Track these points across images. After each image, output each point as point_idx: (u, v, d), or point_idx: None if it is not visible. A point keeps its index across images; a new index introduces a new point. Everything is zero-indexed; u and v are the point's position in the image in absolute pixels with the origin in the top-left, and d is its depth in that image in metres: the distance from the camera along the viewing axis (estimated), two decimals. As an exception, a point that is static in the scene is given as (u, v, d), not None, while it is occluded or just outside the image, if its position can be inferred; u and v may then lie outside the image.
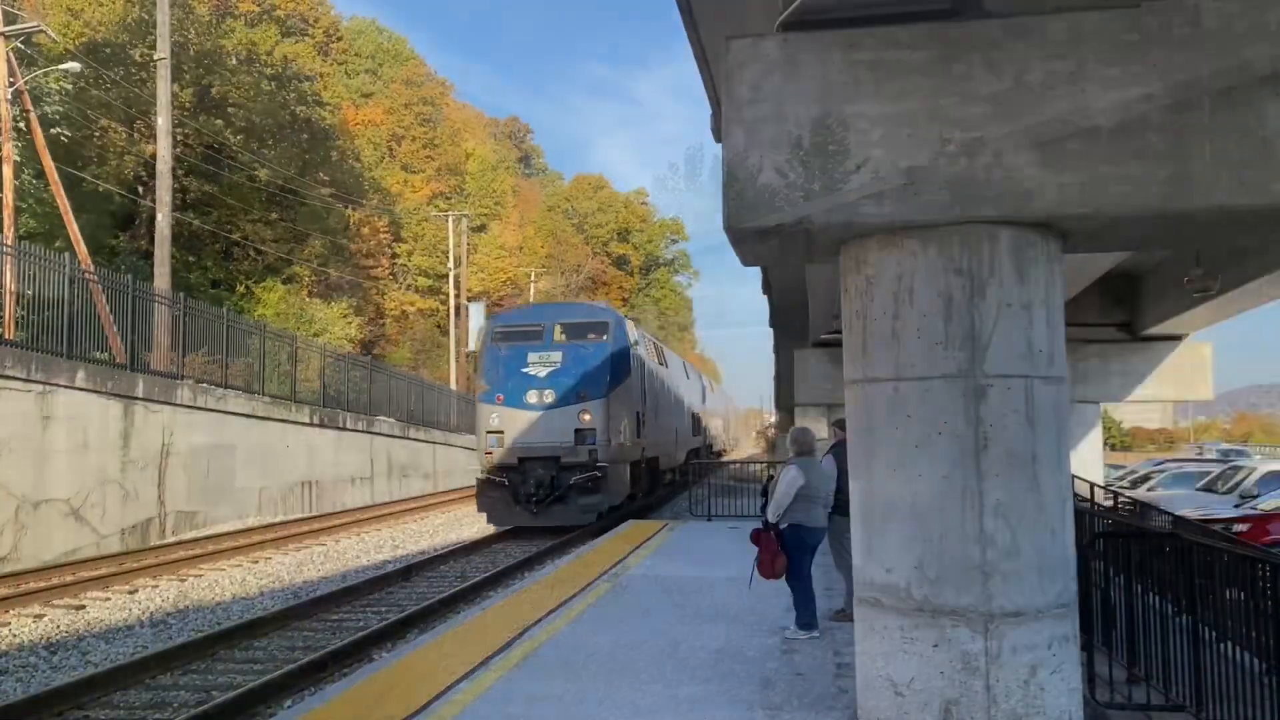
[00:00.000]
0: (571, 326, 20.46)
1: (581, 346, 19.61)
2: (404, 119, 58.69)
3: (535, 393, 19.05)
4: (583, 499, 18.51)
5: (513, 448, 18.85)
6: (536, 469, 18.62)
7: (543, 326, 20.41)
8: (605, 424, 18.74)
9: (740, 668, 6.91)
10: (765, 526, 7.92)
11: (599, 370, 19.10)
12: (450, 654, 7.35)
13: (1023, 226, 4.69)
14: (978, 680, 4.54)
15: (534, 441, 18.74)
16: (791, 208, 4.71)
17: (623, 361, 19.86)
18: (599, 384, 19.00)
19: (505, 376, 19.49)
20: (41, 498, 15.90)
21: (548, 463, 18.67)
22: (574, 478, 18.49)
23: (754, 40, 4.83)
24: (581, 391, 18.86)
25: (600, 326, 20.35)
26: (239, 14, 41.29)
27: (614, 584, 10.48)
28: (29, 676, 8.91)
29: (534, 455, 18.72)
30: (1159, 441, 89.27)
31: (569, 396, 18.88)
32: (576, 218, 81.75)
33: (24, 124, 24.59)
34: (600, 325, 20.38)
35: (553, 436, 18.72)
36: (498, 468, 18.91)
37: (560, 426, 18.75)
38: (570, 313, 21.83)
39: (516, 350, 19.84)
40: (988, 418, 4.62)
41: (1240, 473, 19.49)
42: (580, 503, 18.53)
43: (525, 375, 19.26)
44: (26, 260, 17.59)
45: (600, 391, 18.93)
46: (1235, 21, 4.47)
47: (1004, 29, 4.63)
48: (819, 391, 26.62)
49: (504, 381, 19.43)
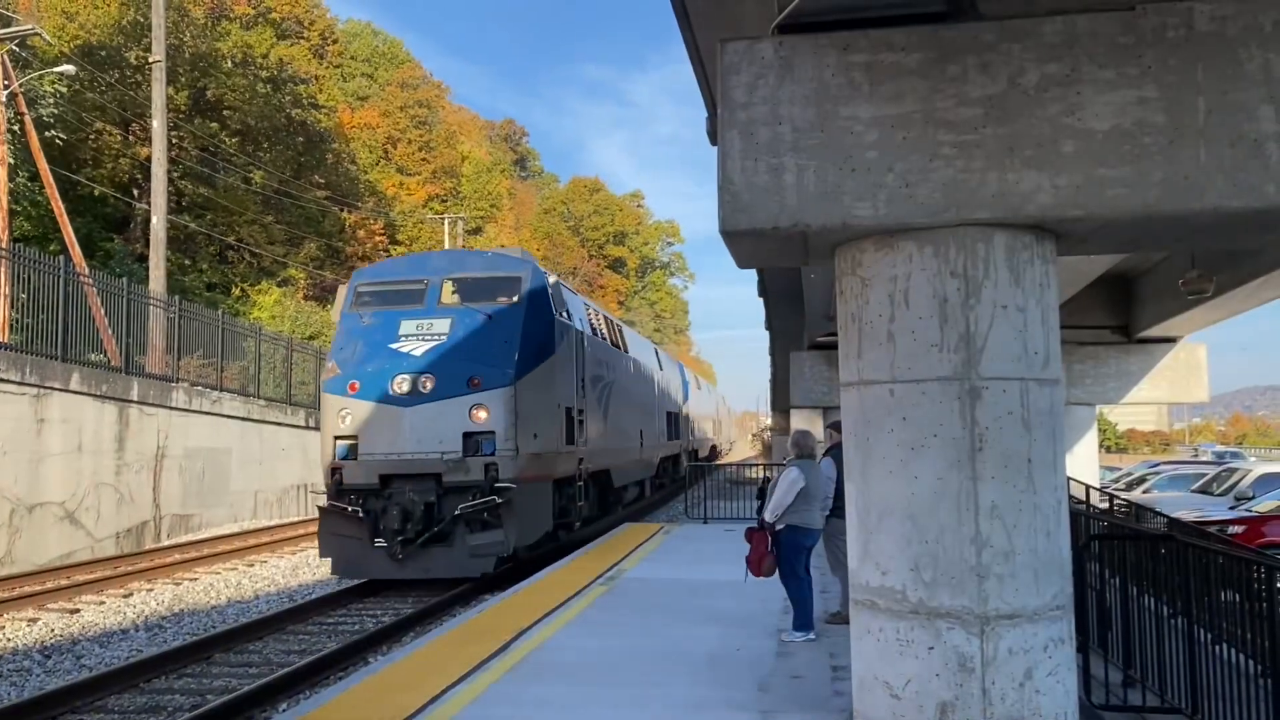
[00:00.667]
0: (469, 283, 14.07)
1: (482, 312, 13.49)
2: (399, 122, 58.65)
3: (406, 379, 12.90)
4: (475, 538, 12.51)
5: (370, 461, 12.77)
6: (405, 493, 12.59)
7: (425, 283, 14.12)
8: (512, 424, 12.76)
9: (736, 671, 6.91)
10: (760, 526, 7.97)
11: (506, 345, 13.18)
12: (446, 657, 7.34)
13: (1017, 229, 4.69)
14: (973, 682, 4.54)
15: (402, 451, 12.69)
16: (786, 210, 4.71)
17: (545, 333, 14.07)
18: (504, 365, 12.98)
19: (364, 356, 13.35)
20: (36, 501, 15.86)
21: (422, 483, 12.64)
22: (461, 505, 12.43)
23: (749, 43, 4.83)
24: (476, 376, 12.82)
25: (510, 284, 13.98)
26: (234, 17, 41.25)
27: (610, 587, 10.47)
28: (23, 680, 8.88)
29: (401, 472, 12.69)
30: (1154, 443, 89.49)
31: (456, 384, 12.84)
32: (572, 220, 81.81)
33: (19, 127, 24.55)
34: (510, 282, 14.01)
35: (429, 444, 12.65)
36: (348, 491, 12.85)
37: (442, 429, 12.68)
38: (467, 263, 15.08)
39: (384, 318, 13.73)
40: (983, 420, 4.62)
41: (1235, 475, 19.50)
42: (471, 543, 12.50)
43: (393, 354, 13.18)
44: (21, 263, 17.56)
45: (505, 376, 12.88)
46: (1229, 24, 4.48)
47: (998, 31, 4.64)
48: (815, 394, 26.70)
49: (361, 363, 13.27)
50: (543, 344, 13.95)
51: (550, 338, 14.20)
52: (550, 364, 14.13)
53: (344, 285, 15.01)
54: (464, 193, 64.37)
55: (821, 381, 26.17)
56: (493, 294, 13.83)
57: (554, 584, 10.72)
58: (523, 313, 13.61)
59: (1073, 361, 21.74)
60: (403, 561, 12.53)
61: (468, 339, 13.30)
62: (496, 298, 13.76)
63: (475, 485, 12.54)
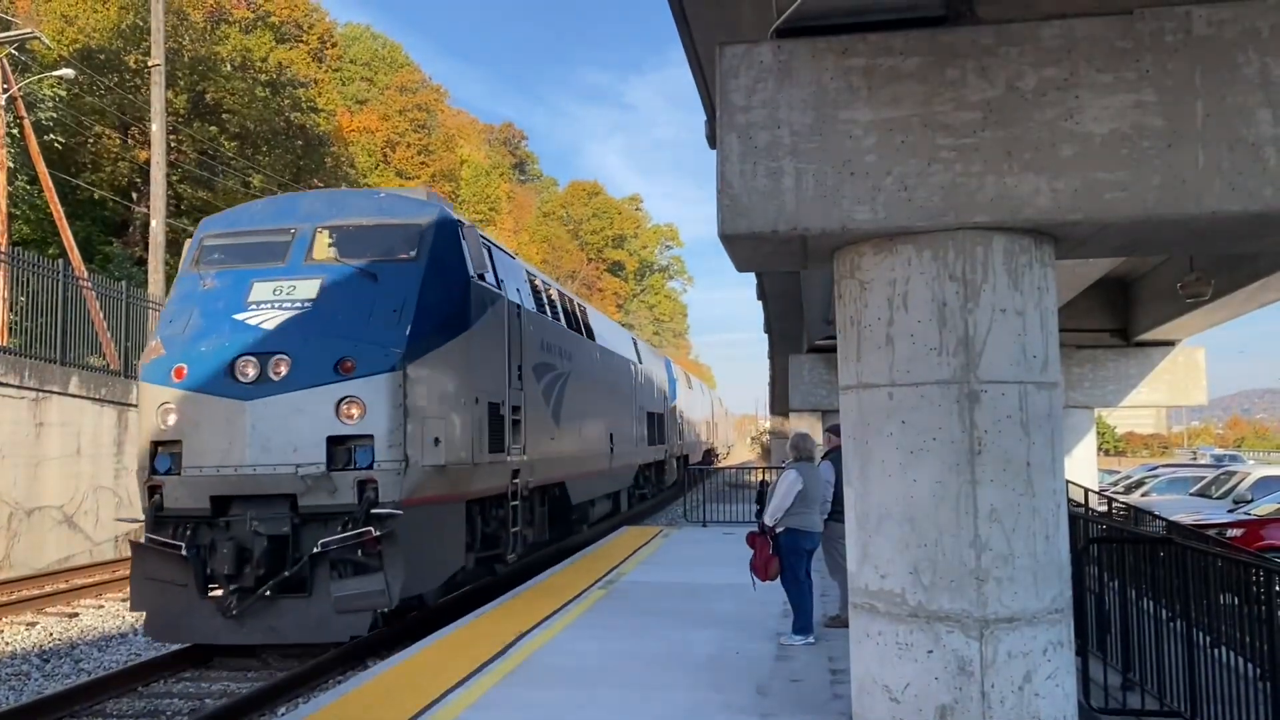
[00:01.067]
0: (351, 234, 10.22)
1: (365, 271, 9.74)
2: (398, 125, 58.68)
3: (251, 361, 9.19)
4: (342, 586, 8.94)
5: (198, 478, 9.09)
6: (246, 522, 9.02)
7: (291, 234, 10.28)
8: (398, 424, 9.09)
9: (735, 674, 6.90)
10: (761, 530, 7.98)
11: (395, 316, 9.48)
12: (445, 660, 7.33)
13: (1016, 232, 4.70)
14: (973, 685, 4.54)
15: (242, 463, 9.01)
16: (785, 214, 4.72)
17: (456, 301, 10.38)
18: (389, 341, 9.28)
19: (199, 331, 9.65)
20: (35, 505, 15.84)
21: (270, 508, 9.05)
22: (324, 540, 8.85)
23: (748, 47, 4.84)
24: (348, 358, 9.12)
25: (407, 234, 10.18)
26: (233, 21, 41.28)
27: (609, 590, 10.47)
28: (21, 685, 8.88)
29: (241, 492, 9.09)
30: (1152, 447, 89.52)
31: (320, 368, 9.12)
32: (571, 224, 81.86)
33: (18, 130, 24.54)
34: (407, 232, 10.20)
35: (281, 453, 8.99)
36: (169, 518, 9.22)
37: (298, 431, 9.02)
38: (350, 206, 10.83)
39: (232, 279, 10.03)
40: (982, 423, 4.63)
41: (1234, 478, 19.52)
42: (337, 594, 8.90)
43: (237, 327, 9.49)
44: (20, 266, 17.55)
45: (389, 357, 9.17)
46: (1226, 28, 4.50)
47: (996, 35, 4.65)
48: (814, 397, 26.71)
49: (193, 340, 9.56)
50: (452, 315, 10.17)
51: (464, 307, 10.41)
52: (464, 343, 10.30)
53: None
54: (463, 196, 64.41)
55: (821, 385, 26.18)
56: (384, 247, 10.01)
57: (553, 587, 10.72)
58: (422, 272, 9.76)
59: (1071, 365, 21.76)
60: (240, 619, 8.88)
61: (343, 307, 9.44)
62: (389, 253, 9.96)
63: (345, 511, 8.81)
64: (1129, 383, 22.83)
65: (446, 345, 10.01)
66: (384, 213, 10.53)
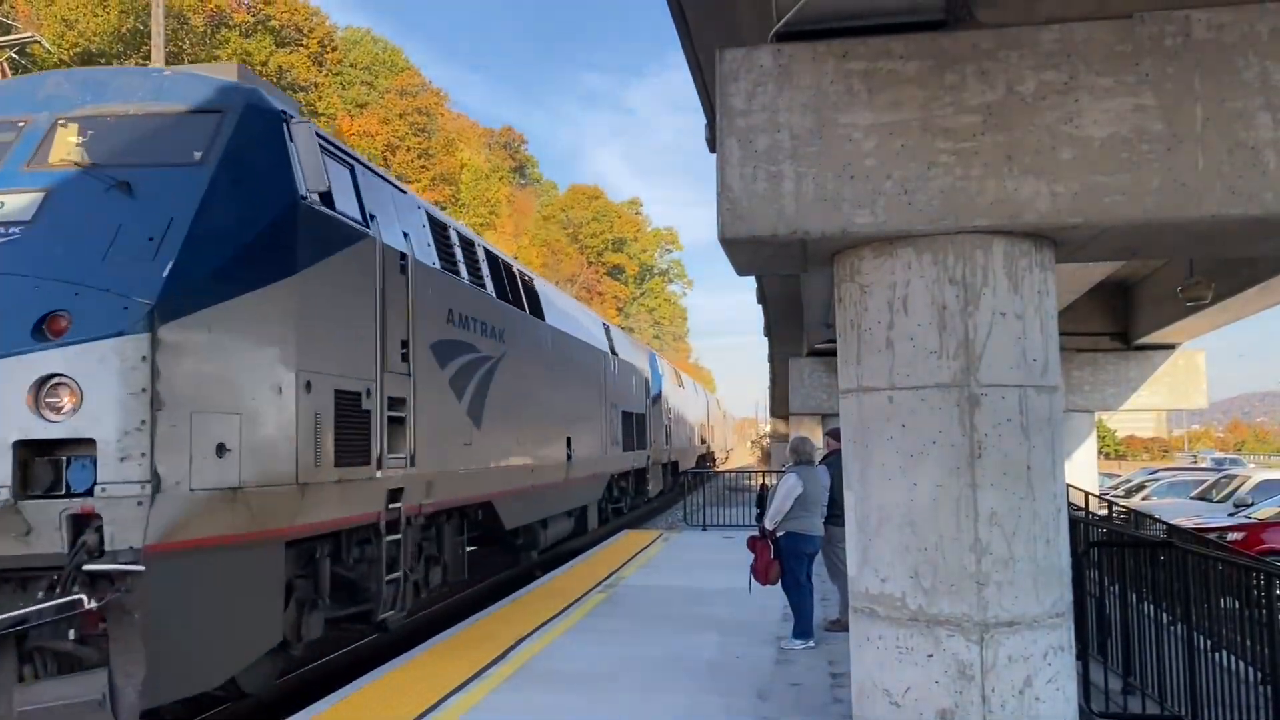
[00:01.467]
0: (110, 125, 6.69)
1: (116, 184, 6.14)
2: (399, 129, 58.72)
3: None
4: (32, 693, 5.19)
5: None
6: None
7: (20, 125, 6.66)
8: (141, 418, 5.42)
9: (736, 678, 6.90)
10: (762, 534, 7.98)
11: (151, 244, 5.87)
12: (443, 665, 7.32)
13: (1016, 236, 4.71)
14: (973, 689, 4.54)
15: None
16: (785, 217, 4.73)
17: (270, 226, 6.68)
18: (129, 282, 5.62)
19: None
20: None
21: None
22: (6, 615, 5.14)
23: (747, 51, 4.85)
24: (57, 311, 5.46)
25: (197, 126, 6.68)
26: (233, 25, 41.35)
27: (609, 595, 10.46)
28: (20, 689, 8.84)
29: None
30: (1153, 450, 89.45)
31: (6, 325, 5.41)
32: (571, 227, 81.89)
33: (18, 134, 24.57)
34: (195, 125, 6.69)
35: None
36: None
37: None
38: (113, 90, 6.97)
39: None
40: (982, 427, 4.62)
41: (1234, 481, 19.53)
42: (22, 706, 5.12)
43: None
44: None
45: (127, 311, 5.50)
46: (1226, 32, 4.50)
47: (996, 39, 4.66)
48: (814, 400, 26.75)
49: None
50: (261, 250, 6.57)
51: (285, 240, 6.79)
52: (282, 294, 6.66)
53: None
54: (463, 200, 64.45)
55: (821, 388, 26.22)
56: (157, 147, 6.59)
57: (553, 591, 10.71)
58: (207, 181, 6.33)
59: (1071, 368, 21.77)
60: None
61: (71, 234, 5.92)
62: (164, 155, 6.50)
63: (47, 567, 5.39)
64: (1129, 386, 22.84)
65: (246, 296, 6.34)
66: (163, 97, 6.95)
